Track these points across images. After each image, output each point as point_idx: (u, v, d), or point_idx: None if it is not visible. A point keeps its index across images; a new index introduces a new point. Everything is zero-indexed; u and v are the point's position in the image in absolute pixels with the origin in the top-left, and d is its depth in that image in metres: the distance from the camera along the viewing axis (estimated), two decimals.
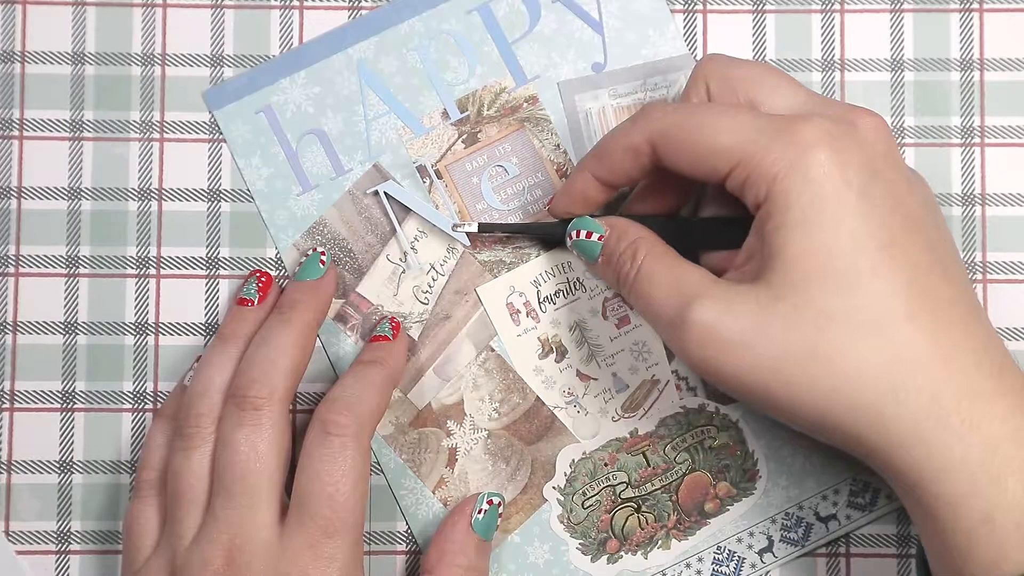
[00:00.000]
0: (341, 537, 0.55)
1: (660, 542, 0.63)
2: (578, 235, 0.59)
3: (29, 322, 0.64)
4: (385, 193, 0.63)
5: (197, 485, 0.57)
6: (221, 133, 0.64)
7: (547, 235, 0.63)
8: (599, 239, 0.58)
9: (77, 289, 0.64)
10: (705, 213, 0.60)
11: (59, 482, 0.63)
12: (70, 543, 0.63)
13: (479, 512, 0.61)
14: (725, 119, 0.53)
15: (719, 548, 0.63)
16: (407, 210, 0.64)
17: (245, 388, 0.57)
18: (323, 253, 0.62)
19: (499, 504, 0.61)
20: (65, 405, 0.64)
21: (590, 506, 0.63)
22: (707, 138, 0.53)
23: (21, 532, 0.63)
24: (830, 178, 0.50)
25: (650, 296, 0.54)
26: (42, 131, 0.64)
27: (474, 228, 0.62)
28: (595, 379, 0.64)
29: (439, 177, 0.64)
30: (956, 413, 0.49)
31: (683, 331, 0.52)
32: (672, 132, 0.54)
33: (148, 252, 0.64)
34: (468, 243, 0.63)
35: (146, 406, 0.64)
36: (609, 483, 0.63)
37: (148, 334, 0.64)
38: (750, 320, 0.51)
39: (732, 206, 0.57)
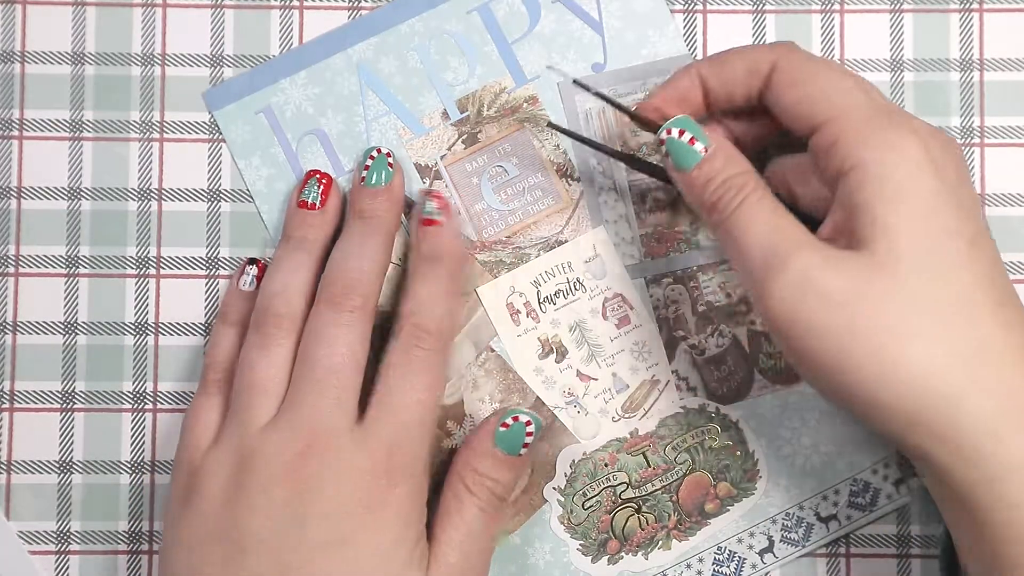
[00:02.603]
0: (421, 431, 0.57)
1: (661, 542, 0.63)
2: (680, 134, 0.55)
3: (29, 322, 0.64)
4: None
5: (274, 378, 0.57)
6: (221, 133, 0.64)
7: (637, 120, 0.59)
8: (703, 151, 0.55)
9: (77, 289, 0.64)
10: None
11: (59, 482, 0.63)
12: (70, 543, 0.63)
13: (501, 425, 0.60)
14: (846, 78, 0.54)
15: (720, 548, 0.63)
16: (411, 205, 0.64)
17: (341, 295, 0.58)
18: (389, 154, 0.63)
19: (528, 423, 0.60)
20: (65, 405, 0.64)
21: (590, 507, 0.63)
22: (821, 83, 0.53)
23: (21, 532, 0.63)
24: (927, 164, 0.51)
25: (748, 233, 0.53)
26: (42, 131, 0.64)
27: (569, 81, 0.61)
28: (595, 379, 0.64)
29: (439, 177, 0.64)
30: None
31: (781, 276, 0.51)
32: (794, 63, 0.55)
33: (148, 252, 0.64)
34: (567, 79, 0.62)
35: (146, 406, 0.64)
36: (609, 483, 0.63)
37: (148, 334, 0.64)
38: (853, 281, 0.50)
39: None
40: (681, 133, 0.55)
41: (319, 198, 0.62)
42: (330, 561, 0.54)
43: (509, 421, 0.60)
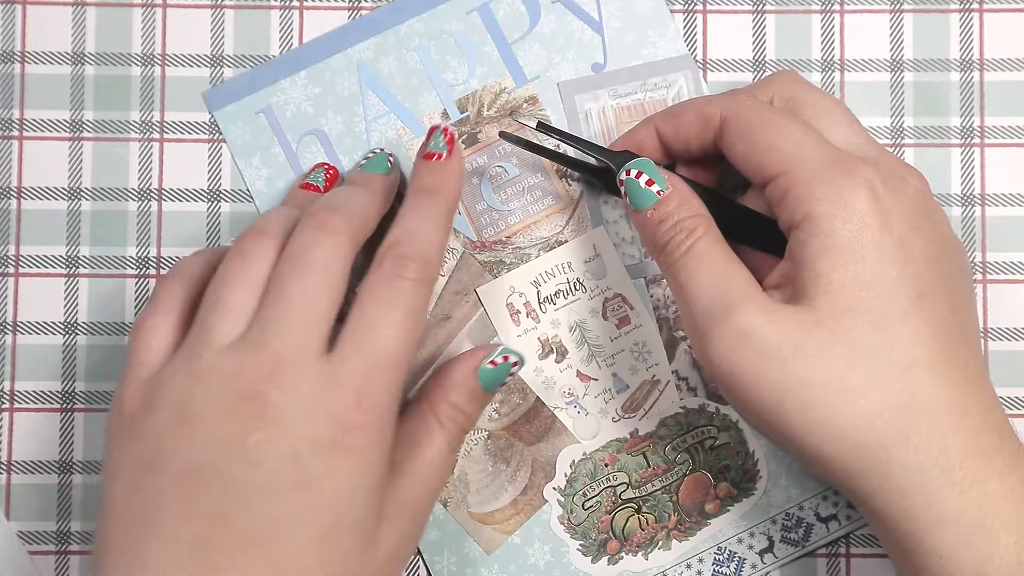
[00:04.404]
0: (396, 371, 0.52)
1: (661, 543, 0.63)
2: (637, 175, 0.57)
3: (29, 322, 0.64)
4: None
5: (247, 296, 0.53)
6: (221, 133, 0.64)
7: (601, 159, 0.59)
8: (657, 193, 0.56)
9: (77, 289, 0.64)
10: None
11: (59, 482, 0.63)
12: (70, 543, 0.63)
13: (490, 362, 0.57)
14: (796, 129, 0.54)
15: (720, 548, 0.63)
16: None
17: (326, 214, 0.54)
18: (391, 155, 0.62)
19: (515, 364, 0.58)
20: (65, 405, 0.64)
21: (590, 507, 0.63)
22: (772, 135, 0.54)
23: (21, 532, 0.63)
24: (874, 218, 0.51)
25: (694, 279, 0.53)
26: (42, 131, 0.64)
27: (532, 124, 0.60)
28: (595, 379, 0.64)
29: None
30: (960, 467, 0.50)
31: (721, 327, 0.52)
32: (745, 115, 0.55)
33: (148, 252, 0.64)
34: (532, 125, 0.60)
35: None
36: (609, 484, 0.63)
37: None
38: (790, 338, 0.51)
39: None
40: (639, 175, 0.56)
41: (324, 184, 0.62)
42: (285, 503, 0.50)
43: (498, 360, 0.57)
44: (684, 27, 0.65)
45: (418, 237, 0.54)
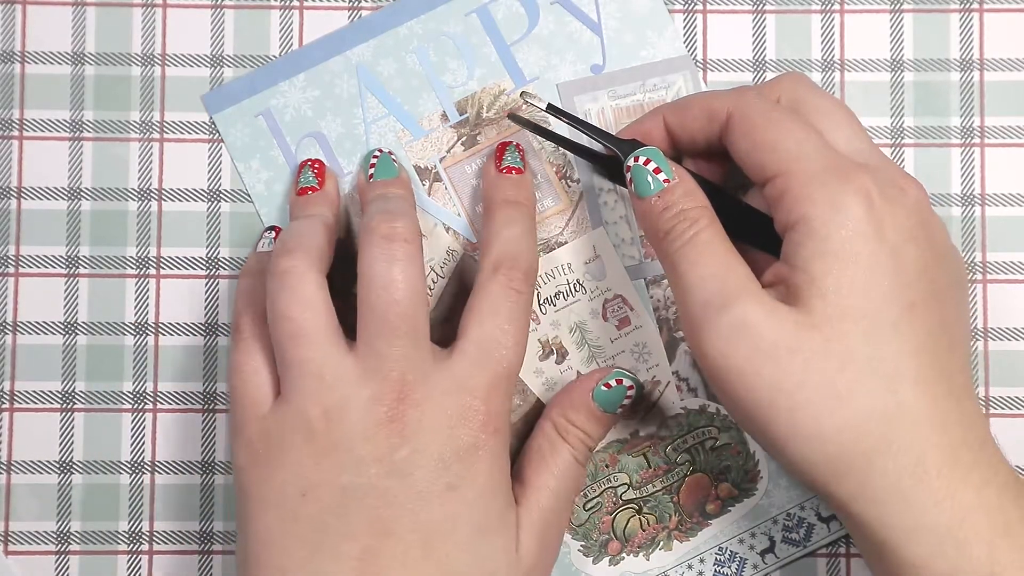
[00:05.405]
0: (514, 379, 0.57)
1: (662, 543, 0.63)
2: (645, 163, 0.56)
3: (29, 322, 0.64)
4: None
5: (318, 318, 0.56)
6: (220, 134, 0.64)
7: (608, 146, 0.59)
8: (664, 181, 0.56)
9: (77, 289, 0.64)
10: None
11: (59, 482, 0.63)
12: (70, 543, 0.63)
13: (604, 384, 0.60)
14: (799, 130, 0.54)
15: (721, 549, 0.63)
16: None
17: (391, 220, 0.57)
18: (391, 152, 0.63)
19: (630, 387, 0.61)
20: (65, 405, 0.64)
21: (591, 508, 0.63)
22: (774, 135, 0.54)
23: (21, 532, 0.63)
24: (868, 226, 0.51)
25: (695, 269, 0.53)
26: (42, 131, 0.64)
27: (542, 105, 0.60)
28: None
29: (438, 179, 0.64)
30: (937, 477, 0.50)
31: (718, 319, 0.51)
32: (751, 112, 0.55)
33: (148, 252, 0.64)
34: (543, 106, 0.61)
35: (146, 406, 0.64)
36: (610, 485, 0.63)
37: (148, 334, 0.64)
38: (787, 337, 0.51)
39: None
40: (647, 162, 0.56)
41: (315, 180, 0.62)
42: (440, 506, 0.54)
43: (612, 383, 0.60)
44: (684, 27, 0.65)
45: (522, 251, 0.59)
